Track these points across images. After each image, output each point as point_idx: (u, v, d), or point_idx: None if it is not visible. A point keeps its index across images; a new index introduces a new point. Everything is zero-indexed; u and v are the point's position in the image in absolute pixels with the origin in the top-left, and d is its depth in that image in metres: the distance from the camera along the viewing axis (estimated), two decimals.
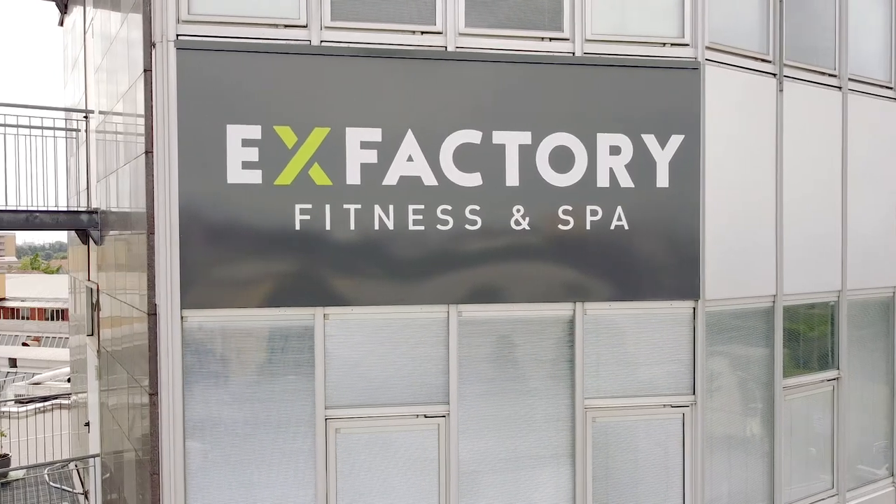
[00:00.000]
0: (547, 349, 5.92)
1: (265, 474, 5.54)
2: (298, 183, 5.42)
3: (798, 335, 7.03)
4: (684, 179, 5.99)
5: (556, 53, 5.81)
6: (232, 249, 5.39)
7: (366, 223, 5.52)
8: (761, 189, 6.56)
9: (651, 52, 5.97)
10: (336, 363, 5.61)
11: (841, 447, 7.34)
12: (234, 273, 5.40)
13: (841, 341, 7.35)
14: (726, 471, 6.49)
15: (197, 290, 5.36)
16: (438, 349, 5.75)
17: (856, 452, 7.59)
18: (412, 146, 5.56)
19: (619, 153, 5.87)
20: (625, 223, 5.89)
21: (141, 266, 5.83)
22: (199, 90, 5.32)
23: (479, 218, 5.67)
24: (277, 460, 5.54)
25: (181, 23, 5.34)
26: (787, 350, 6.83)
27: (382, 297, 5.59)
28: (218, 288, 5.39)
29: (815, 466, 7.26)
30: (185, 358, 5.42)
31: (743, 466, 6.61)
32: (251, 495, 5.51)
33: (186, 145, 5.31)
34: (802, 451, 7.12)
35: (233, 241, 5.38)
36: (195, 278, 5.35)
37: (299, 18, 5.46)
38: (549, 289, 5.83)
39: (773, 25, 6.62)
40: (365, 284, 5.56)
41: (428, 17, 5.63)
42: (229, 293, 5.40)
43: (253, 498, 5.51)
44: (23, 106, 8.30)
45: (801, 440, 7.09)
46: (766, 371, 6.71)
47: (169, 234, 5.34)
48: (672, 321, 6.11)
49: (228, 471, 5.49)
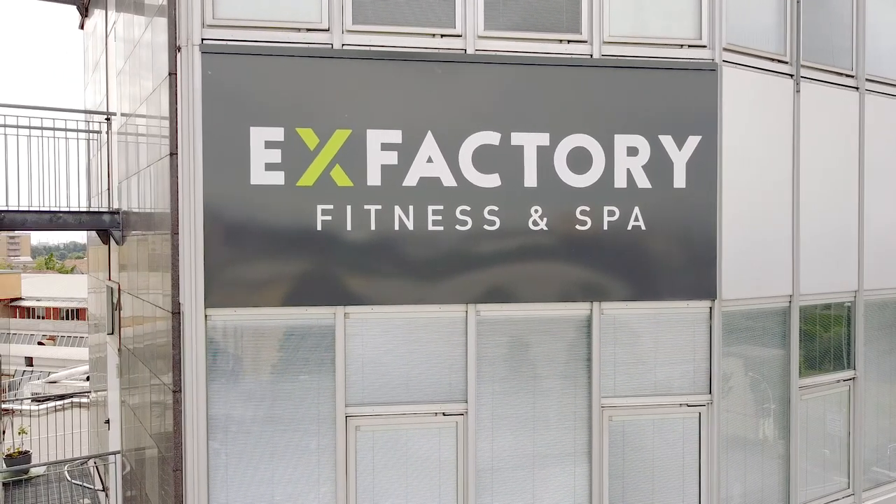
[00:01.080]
0: (564, 348, 5.98)
1: (286, 471, 5.63)
2: (320, 184, 5.50)
3: (814, 335, 7.05)
4: (701, 180, 6.03)
5: (574, 55, 5.86)
6: (255, 249, 5.48)
7: (386, 224, 5.59)
8: (778, 189, 6.59)
9: (668, 54, 6.01)
10: (356, 362, 5.69)
11: (857, 447, 7.35)
12: (256, 273, 5.49)
13: (857, 341, 7.36)
14: (742, 470, 6.52)
15: (220, 289, 5.45)
16: (456, 348, 5.82)
17: (872, 453, 7.58)
18: (432, 147, 5.63)
19: (637, 154, 5.91)
20: (642, 223, 5.93)
21: (164, 266, 5.94)
22: (223, 93, 5.41)
23: (498, 218, 5.73)
24: (298, 457, 5.63)
25: (206, 27, 5.44)
26: (803, 350, 6.84)
27: (402, 297, 5.67)
28: (241, 287, 5.48)
29: (831, 467, 7.26)
30: (208, 356, 5.52)
31: (758, 466, 6.64)
32: (272, 492, 5.60)
33: (211, 147, 5.41)
34: (818, 451, 7.13)
35: (256, 241, 5.47)
36: (218, 278, 5.45)
37: (321, 22, 5.54)
38: (566, 289, 5.89)
39: (789, 26, 6.64)
40: (385, 284, 5.63)
41: (447, 20, 5.70)
42: (252, 292, 5.50)
43: (274, 494, 5.60)
44: (46, 108, 8.46)
45: (817, 440, 7.10)
46: (782, 371, 6.73)
47: (193, 234, 5.44)
48: (689, 321, 6.15)
49: (250, 467, 5.59)
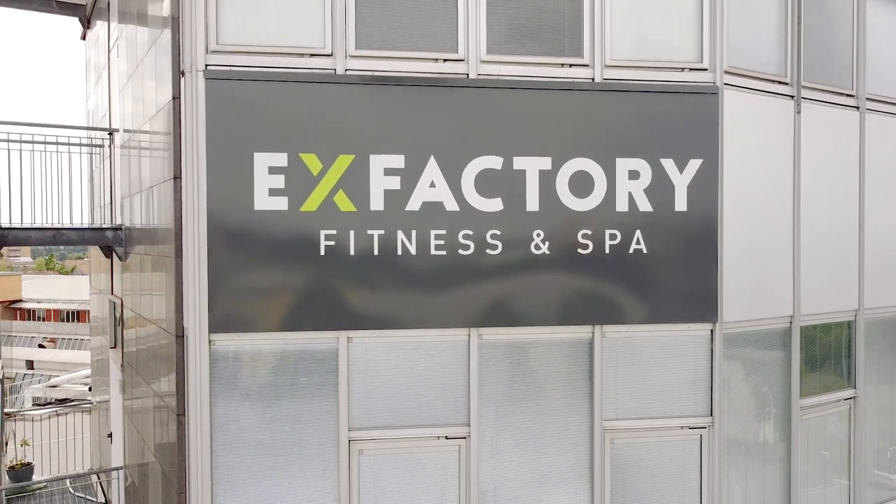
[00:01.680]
0: (566, 371, 6.00)
1: (290, 494, 5.66)
2: (323, 209, 5.52)
3: (815, 354, 7.07)
4: (703, 203, 6.05)
5: (576, 79, 5.89)
6: (259, 274, 5.50)
7: (389, 248, 5.61)
8: (779, 210, 6.61)
9: (670, 77, 6.03)
10: (359, 385, 5.72)
11: (858, 465, 7.37)
12: (260, 298, 5.52)
13: (858, 360, 7.38)
14: (743, 491, 6.54)
15: (224, 314, 5.47)
16: (459, 371, 5.84)
17: (874, 469, 7.61)
18: (434, 172, 5.66)
19: (638, 177, 5.93)
20: (643, 247, 5.95)
21: (168, 288, 5.97)
22: (227, 118, 5.43)
23: (500, 242, 5.75)
24: (302, 481, 5.66)
25: (210, 52, 5.46)
26: (804, 370, 6.86)
27: (405, 321, 5.69)
28: (245, 313, 5.50)
29: (833, 484, 7.29)
30: (212, 381, 5.54)
31: (760, 487, 6.66)
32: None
33: (215, 172, 5.43)
34: (820, 469, 7.16)
35: (259, 266, 5.50)
36: (222, 303, 5.47)
37: (325, 47, 5.57)
38: (568, 312, 5.91)
39: (790, 47, 6.66)
40: (388, 308, 5.65)
41: (450, 45, 5.73)
42: (256, 318, 5.52)
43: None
44: (49, 126, 8.49)
45: (819, 459, 7.13)
46: (784, 391, 6.76)
47: (197, 259, 5.46)
48: (690, 344, 6.17)
49: (254, 491, 5.61)
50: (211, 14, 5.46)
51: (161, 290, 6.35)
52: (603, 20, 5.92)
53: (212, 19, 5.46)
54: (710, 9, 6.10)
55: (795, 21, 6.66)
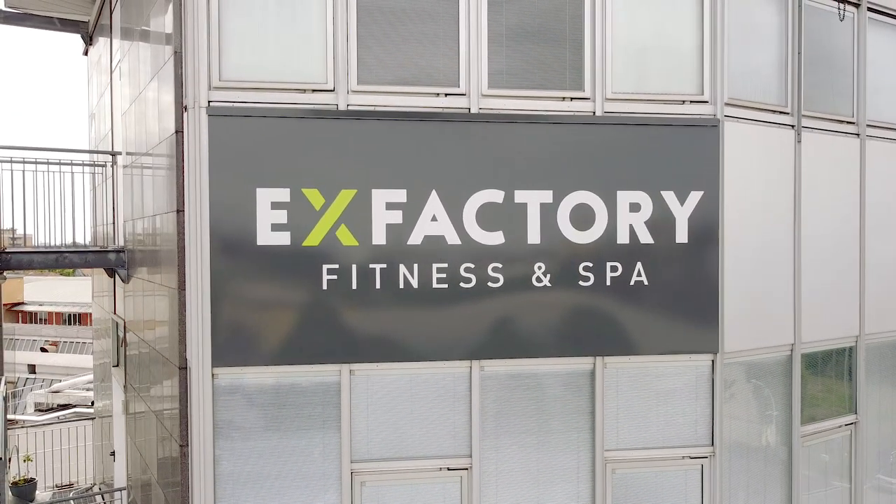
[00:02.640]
0: (568, 402, 6.03)
1: None
2: (326, 244, 5.55)
3: (816, 381, 7.09)
4: (703, 235, 6.07)
5: (577, 113, 5.91)
6: (262, 309, 5.53)
7: (391, 282, 5.64)
8: (780, 240, 6.63)
9: (670, 110, 6.06)
10: (361, 418, 5.75)
11: (858, 490, 7.39)
12: (263, 332, 5.55)
13: (859, 385, 7.40)
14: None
15: (227, 348, 5.51)
16: (461, 403, 5.87)
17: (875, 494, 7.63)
18: (436, 206, 5.68)
19: (639, 210, 5.96)
20: (644, 278, 5.98)
21: (171, 320, 6.00)
22: (230, 154, 5.46)
23: (502, 275, 5.78)
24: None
25: (212, 89, 5.49)
26: (805, 397, 6.88)
27: (407, 354, 5.72)
28: (248, 346, 5.54)
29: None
30: (215, 413, 5.58)
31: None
32: None
33: (217, 207, 5.46)
34: (821, 495, 7.18)
35: (262, 300, 5.53)
36: (226, 337, 5.50)
37: (327, 83, 5.60)
38: (569, 343, 5.94)
39: (790, 76, 6.68)
40: (390, 341, 5.68)
41: (452, 80, 5.75)
42: (259, 351, 5.55)
43: None
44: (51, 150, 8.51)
45: (820, 485, 7.15)
46: (785, 419, 6.78)
47: (200, 293, 5.49)
48: (691, 374, 6.20)
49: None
50: (214, 50, 5.49)
51: (164, 319, 6.38)
52: (604, 54, 5.94)
53: (214, 55, 5.49)
54: (711, 41, 6.12)
55: (795, 50, 6.68)
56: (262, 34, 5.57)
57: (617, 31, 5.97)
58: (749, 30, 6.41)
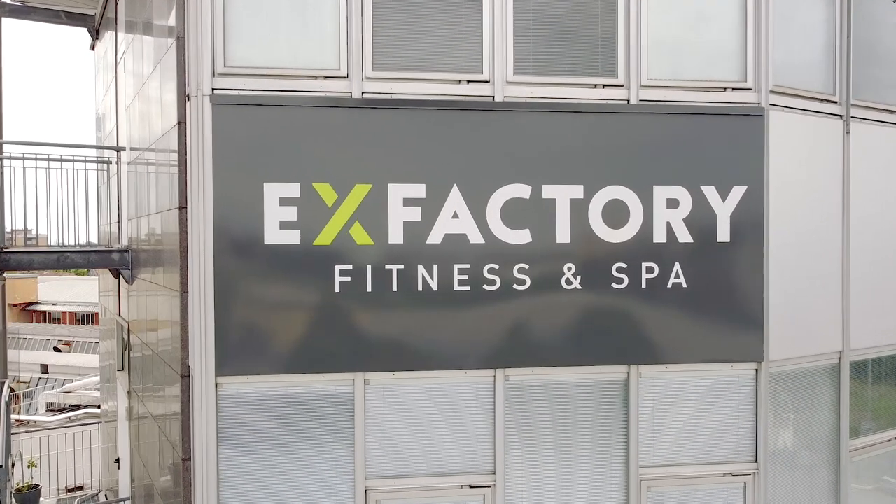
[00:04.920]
0: (599, 415, 5.59)
1: None
2: (338, 243, 5.16)
3: (865, 391, 6.60)
4: (747, 233, 5.62)
5: (609, 101, 5.48)
6: (269, 313, 5.15)
7: (409, 284, 5.24)
8: (828, 240, 6.15)
9: (711, 98, 5.61)
10: (376, 431, 5.34)
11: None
12: (271, 338, 5.16)
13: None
14: None
15: (232, 356, 5.12)
16: (484, 415, 5.46)
17: None
18: (458, 202, 5.28)
19: (677, 206, 5.52)
20: (683, 281, 5.54)
21: (173, 324, 5.62)
22: (236, 146, 5.09)
23: (528, 277, 5.36)
24: None
25: (217, 76, 5.11)
26: (854, 408, 6.39)
27: (425, 362, 5.32)
28: (254, 354, 5.15)
29: None
30: (219, 426, 5.19)
31: None
32: None
33: (222, 204, 5.09)
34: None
35: (270, 304, 5.15)
36: (230, 344, 5.12)
37: (340, 69, 5.20)
38: (601, 351, 5.51)
39: (838, 63, 6.21)
40: (407, 348, 5.29)
41: (474, 66, 5.34)
42: (266, 359, 5.17)
43: None
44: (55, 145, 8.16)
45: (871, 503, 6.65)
46: (832, 432, 6.29)
47: (203, 296, 5.11)
48: (733, 384, 5.74)
49: None
50: (218, 34, 5.10)
51: (166, 323, 6.00)
52: (639, 37, 5.50)
53: (219, 40, 5.10)
54: (755, 24, 5.66)
55: (844, 35, 6.19)
56: (270, 18, 5.18)
57: (653, 13, 5.53)
58: (795, 11, 5.94)
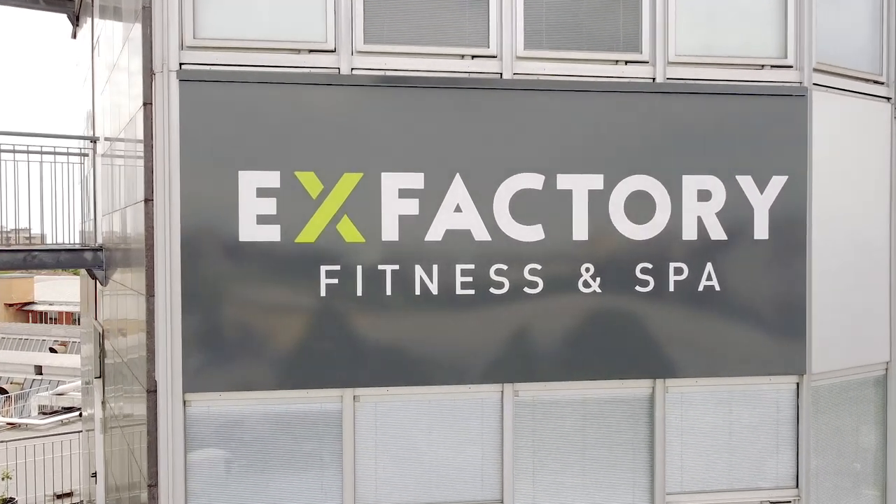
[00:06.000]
0: (621, 435, 4.97)
1: None
2: (324, 240, 4.55)
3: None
4: (788, 230, 5.02)
5: (633, 79, 4.87)
6: (244, 321, 4.55)
7: (405, 287, 4.63)
8: (874, 237, 5.53)
9: (747, 76, 5.00)
10: (368, 453, 4.72)
11: None
12: (246, 349, 4.55)
13: None
14: None
15: (202, 369, 4.50)
16: (490, 435, 4.85)
17: None
18: (461, 194, 4.68)
19: (710, 199, 4.91)
20: (715, 283, 4.93)
21: (141, 331, 4.99)
22: (206, 129, 4.48)
23: (541, 279, 4.75)
24: None
25: (185, 49, 4.49)
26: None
27: (424, 375, 4.73)
28: (227, 367, 4.54)
29: None
30: (187, 449, 4.56)
31: None
32: None
33: (190, 195, 4.48)
34: None
35: (246, 310, 4.54)
36: (200, 355, 4.49)
37: (326, 42, 4.59)
38: (623, 363, 4.90)
39: (886, 40, 5.57)
40: (403, 361, 4.69)
41: (480, 39, 4.73)
42: (241, 373, 4.56)
43: None
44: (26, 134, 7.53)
45: None
46: (880, 452, 5.65)
47: (170, 300, 4.48)
48: (772, 400, 5.12)
49: None
50: (187, 2, 4.47)
51: (135, 330, 5.37)
52: (666, 7, 4.89)
53: (187, 8, 4.49)
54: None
55: (893, 10, 5.56)
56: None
57: None
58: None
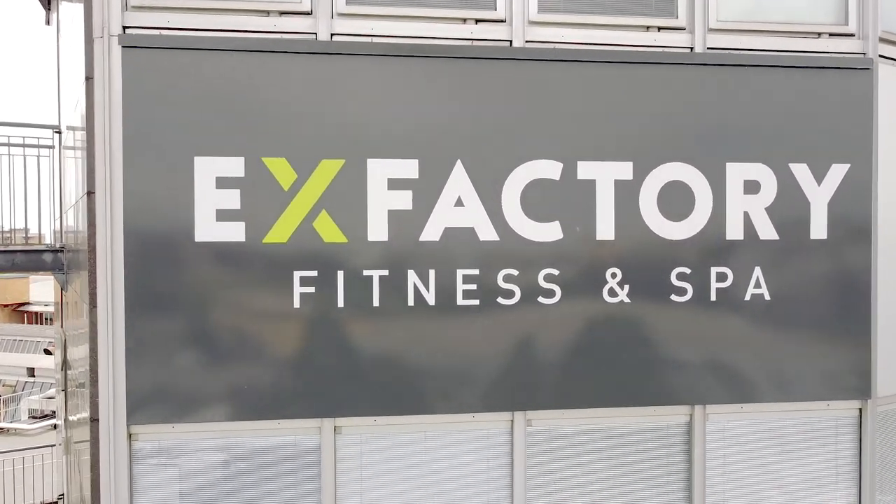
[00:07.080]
0: (653, 469, 4.25)
1: None
2: (298, 240, 3.85)
3: None
4: (850, 228, 4.33)
5: (667, 49, 4.15)
6: (203, 337, 3.82)
7: (396, 297, 3.93)
8: None
9: (801, 46, 4.31)
10: (351, 493, 3.99)
11: None
12: (205, 371, 3.83)
13: None
14: None
15: (151, 396, 3.78)
16: (498, 472, 4.13)
17: None
18: (463, 185, 3.97)
19: (758, 191, 4.21)
20: (765, 292, 4.23)
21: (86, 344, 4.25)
22: (155, 106, 3.76)
23: (558, 286, 4.03)
24: None
25: (129, 9, 3.76)
26: None
27: (419, 403, 4.03)
28: (182, 393, 3.80)
29: None
30: (133, 489, 3.82)
31: None
32: None
33: (135, 186, 3.75)
34: None
35: (204, 325, 3.80)
36: (149, 379, 3.75)
37: (301, 2, 3.87)
38: (656, 387, 4.20)
39: None
40: (393, 386, 3.99)
41: (485, 1, 4.01)
42: (199, 401, 3.83)
43: None
44: None
45: None
46: None
47: (111, 312, 3.75)
48: (830, 428, 4.40)
49: None
50: None
51: (83, 346, 4.63)
52: None
53: None
54: None
55: None
56: None
57: None
58: None
